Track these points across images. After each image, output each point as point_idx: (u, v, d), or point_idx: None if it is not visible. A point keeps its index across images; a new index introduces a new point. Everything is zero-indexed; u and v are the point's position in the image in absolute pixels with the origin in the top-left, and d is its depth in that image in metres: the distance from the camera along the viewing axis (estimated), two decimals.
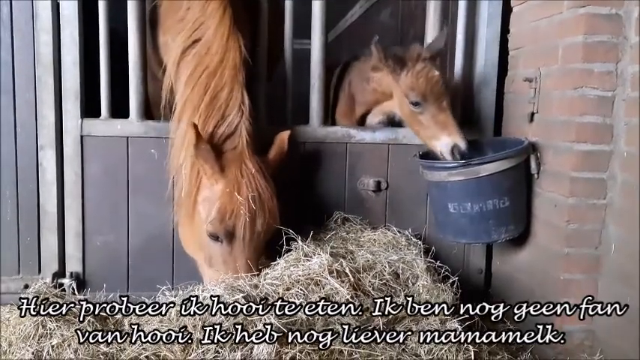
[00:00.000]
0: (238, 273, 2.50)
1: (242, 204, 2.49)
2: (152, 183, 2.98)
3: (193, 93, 2.67)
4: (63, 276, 3.01)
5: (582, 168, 2.51)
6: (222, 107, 2.66)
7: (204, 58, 2.70)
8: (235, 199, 2.50)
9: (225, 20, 2.72)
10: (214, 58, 2.69)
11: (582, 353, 2.54)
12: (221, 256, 2.58)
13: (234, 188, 2.52)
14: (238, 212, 2.50)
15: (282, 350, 2.01)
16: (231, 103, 2.67)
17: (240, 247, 2.54)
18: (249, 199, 2.50)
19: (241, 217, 2.50)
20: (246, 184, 2.53)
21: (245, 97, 2.68)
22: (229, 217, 2.50)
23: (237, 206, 2.50)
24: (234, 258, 2.54)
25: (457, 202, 2.75)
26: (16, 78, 2.94)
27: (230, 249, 2.55)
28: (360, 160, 3.18)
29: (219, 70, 2.68)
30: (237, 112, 2.66)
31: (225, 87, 2.67)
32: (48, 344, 2.25)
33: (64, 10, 2.92)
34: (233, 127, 2.65)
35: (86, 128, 2.98)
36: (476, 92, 3.27)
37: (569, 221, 2.55)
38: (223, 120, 2.66)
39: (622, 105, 2.43)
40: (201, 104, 2.65)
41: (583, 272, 2.55)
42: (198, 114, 2.64)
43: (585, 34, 2.45)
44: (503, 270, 3.18)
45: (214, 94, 2.66)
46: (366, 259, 2.64)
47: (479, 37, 3.23)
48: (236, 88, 2.68)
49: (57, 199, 2.99)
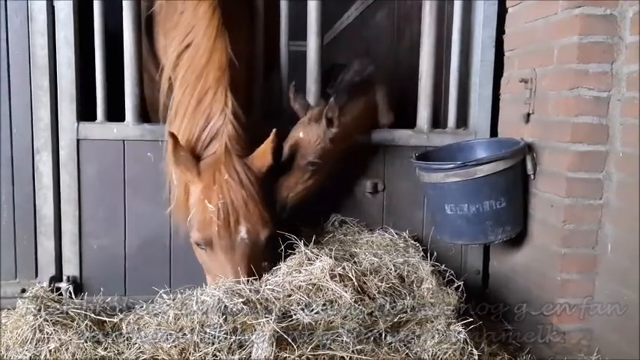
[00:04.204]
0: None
1: (212, 212, 2.44)
2: (148, 186, 2.97)
3: (184, 96, 2.66)
4: (60, 280, 3.01)
5: (578, 168, 2.52)
6: (206, 111, 2.63)
7: (194, 61, 2.68)
8: (206, 208, 2.46)
9: (213, 22, 2.69)
10: (201, 60, 2.67)
11: (580, 352, 2.55)
12: (209, 263, 2.57)
13: (206, 196, 2.48)
14: (210, 221, 2.45)
15: (280, 354, 2.00)
16: (215, 107, 2.63)
17: (223, 255, 2.49)
18: (219, 206, 2.44)
19: (213, 225, 2.45)
20: (217, 192, 2.47)
21: (229, 99, 2.64)
22: (204, 226, 2.47)
23: (209, 215, 2.46)
24: (220, 265, 2.51)
25: (454, 204, 2.75)
26: (11, 81, 2.93)
27: (215, 257, 2.52)
28: (356, 162, 3.18)
29: (205, 72, 2.66)
30: (220, 115, 2.62)
31: (209, 90, 2.64)
32: (45, 348, 2.24)
33: (60, 13, 2.92)
34: (215, 131, 2.62)
35: (82, 132, 2.97)
36: (472, 93, 3.28)
37: (565, 221, 2.55)
38: (207, 123, 2.62)
39: (617, 105, 2.44)
40: (189, 107, 2.63)
41: (580, 272, 2.56)
42: (186, 118, 2.62)
43: (580, 35, 2.46)
44: (500, 270, 3.18)
45: (200, 98, 2.64)
46: (371, 261, 2.63)
47: (474, 37, 3.24)
48: (220, 91, 2.64)
49: (53, 202, 2.99)
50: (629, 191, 2.36)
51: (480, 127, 3.24)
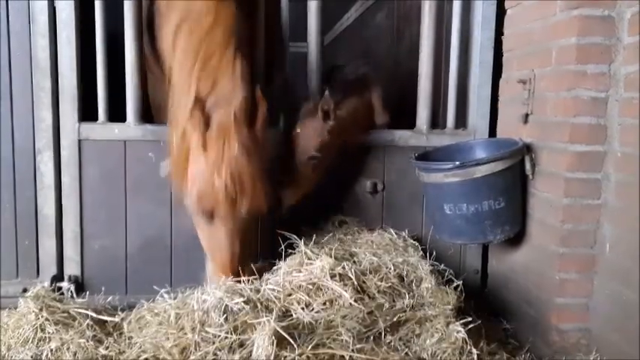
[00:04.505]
0: (223, 259, 2.44)
1: (218, 185, 2.36)
2: (150, 186, 2.99)
3: (187, 60, 2.51)
4: (61, 279, 3.02)
5: (577, 168, 2.53)
6: (213, 74, 2.46)
7: (197, 26, 2.52)
8: (212, 180, 2.37)
9: None
10: (206, 20, 2.51)
11: (578, 352, 2.56)
12: (207, 233, 2.51)
13: (212, 167, 2.38)
14: (215, 194, 2.37)
15: (281, 353, 2.01)
16: (223, 69, 2.46)
17: (222, 227, 2.43)
18: (226, 180, 2.36)
19: (218, 198, 2.37)
20: (226, 164, 2.37)
21: (238, 62, 2.47)
22: (207, 198, 2.39)
23: (214, 187, 2.37)
24: (218, 239, 2.45)
25: (453, 203, 2.77)
26: (13, 82, 2.95)
27: (214, 229, 2.46)
28: (356, 162, 3.19)
29: (210, 34, 2.50)
30: (228, 79, 2.46)
31: (215, 52, 2.48)
32: (47, 348, 2.25)
33: (61, 13, 2.93)
34: (224, 97, 2.45)
35: (84, 132, 2.99)
36: (471, 94, 3.29)
37: (564, 221, 2.57)
38: (213, 88, 2.46)
39: (615, 105, 2.45)
40: (193, 71, 2.47)
41: (578, 271, 2.57)
42: (190, 81, 2.48)
43: (578, 36, 2.47)
44: (499, 270, 3.19)
45: (205, 59, 2.47)
46: (371, 261, 2.65)
47: (473, 38, 3.26)
48: (228, 53, 2.48)
49: (55, 202, 3.00)
50: (628, 191, 2.37)
51: (479, 128, 3.26)
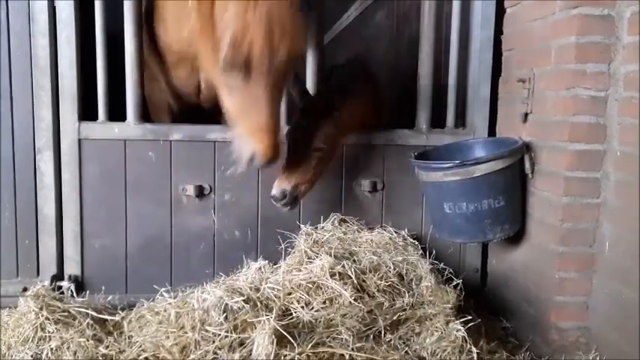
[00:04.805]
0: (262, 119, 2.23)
1: (255, 29, 2.12)
2: (150, 185, 3.00)
3: None
4: (61, 279, 3.02)
5: (576, 167, 2.53)
6: None
7: None
8: (247, 22, 2.13)
9: None
10: None
11: (578, 350, 2.56)
12: (240, 102, 2.29)
13: (246, 9, 2.14)
14: (252, 38, 2.13)
15: (281, 352, 2.02)
16: None
17: (260, 80, 2.21)
18: (263, 22, 2.13)
19: (256, 42, 2.14)
20: (261, 5, 2.14)
21: None
22: (243, 44, 2.15)
23: (253, 27, 2.13)
24: (255, 96, 2.23)
25: (453, 202, 2.77)
26: (13, 81, 2.94)
27: (247, 88, 2.24)
28: (356, 161, 3.20)
29: None
30: None
31: None
32: (47, 347, 2.26)
33: (61, 13, 2.93)
34: None
35: (83, 131, 2.99)
36: (470, 93, 3.29)
37: (563, 220, 2.57)
38: None
39: (615, 105, 2.46)
40: None
41: (578, 270, 2.58)
42: None
43: (578, 35, 2.47)
44: (499, 269, 3.20)
45: None
46: (371, 260, 2.65)
47: (473, 37, 3.25)
48: None
49: (55, 202, 3.00)
50: (627, 190, 2.37)
51: (479, 127, 3.25)
